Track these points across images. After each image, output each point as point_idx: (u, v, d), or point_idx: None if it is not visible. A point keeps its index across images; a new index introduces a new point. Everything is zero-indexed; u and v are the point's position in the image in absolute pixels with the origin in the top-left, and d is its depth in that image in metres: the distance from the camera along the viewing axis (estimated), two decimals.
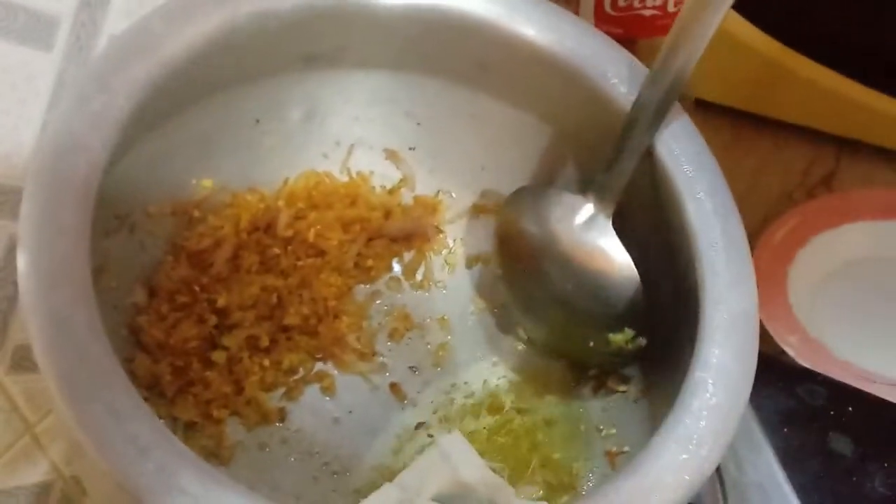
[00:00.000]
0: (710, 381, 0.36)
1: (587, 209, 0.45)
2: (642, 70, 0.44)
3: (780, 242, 0.65)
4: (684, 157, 0.42)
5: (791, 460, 0.46)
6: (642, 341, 0.44)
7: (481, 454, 0.34)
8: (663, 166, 0.43)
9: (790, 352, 0.58)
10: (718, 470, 0.45)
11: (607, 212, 0.44)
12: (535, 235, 0.47)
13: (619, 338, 0.45)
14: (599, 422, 0.48)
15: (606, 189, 0.44)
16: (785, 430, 0.47)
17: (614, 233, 0.44)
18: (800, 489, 0.45)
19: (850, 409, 0.48)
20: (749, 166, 0.70)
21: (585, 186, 0.46)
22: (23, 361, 0.47)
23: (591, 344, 0.46)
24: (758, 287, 0.40)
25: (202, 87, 0.44)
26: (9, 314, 0.45)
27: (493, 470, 0.31)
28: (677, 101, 0.43)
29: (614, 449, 0.46)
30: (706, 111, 0.69)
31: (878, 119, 0.66)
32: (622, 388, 0.48)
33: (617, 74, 0.44)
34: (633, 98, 0.43)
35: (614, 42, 0.45)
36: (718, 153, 0.44)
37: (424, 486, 0.30)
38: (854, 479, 0.46)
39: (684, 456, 0.35)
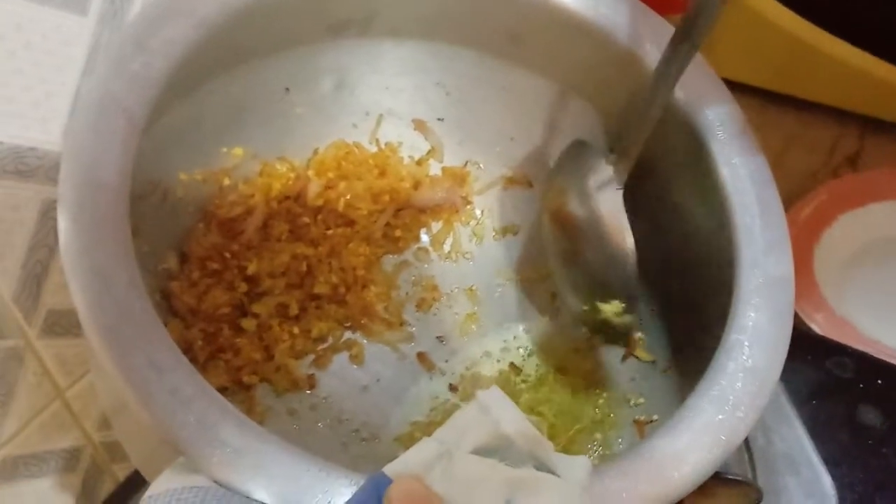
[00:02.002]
0: (747, 344, 0.37)
1: (605, 171, 0.45)
2: None
3: (805, 221, 0.65)
4: (718, 122, 0.42)
5: (820, 432, 0.46)
6: (630, 319, 0.44)
7: None
8: (697, 131, 0.43)
9: (816, 329, 0.58)
10: (747, 441, 0.45)
11: (621, 177, 0.44)
12: (564, 190, 0.47)
13: (608, 308, 0.45)
14: (627, 391, 0.48)
15: (625, 152, 0.44)
16: (813, 402, 0.47)
17: (622, 203, 0.44)
18: (828, 460, 0.45)
19: (879, 381, 0.49)
20: (774, 146, 0.70)
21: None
22: (55, 327, 0.47)
23: (585, 308, 0.46)
24: None
25: (234, 54, 0.45)
26: (42, 278, 0.45)
27: (532, 424, 0.31)
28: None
29: (643, 418, 0.46)
30: (731, 91, 0.69)
31: None
32: (650, 357, 0.48)
33: (653, 41, 0.44)
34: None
35: (649, 9, 0.45)
36: None
37: (463, 439, 0.30)
38: (883, 450, 0.46)
39: (720, 417, 0.35)
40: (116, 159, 0.35)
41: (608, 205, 0.43)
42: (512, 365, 0.50)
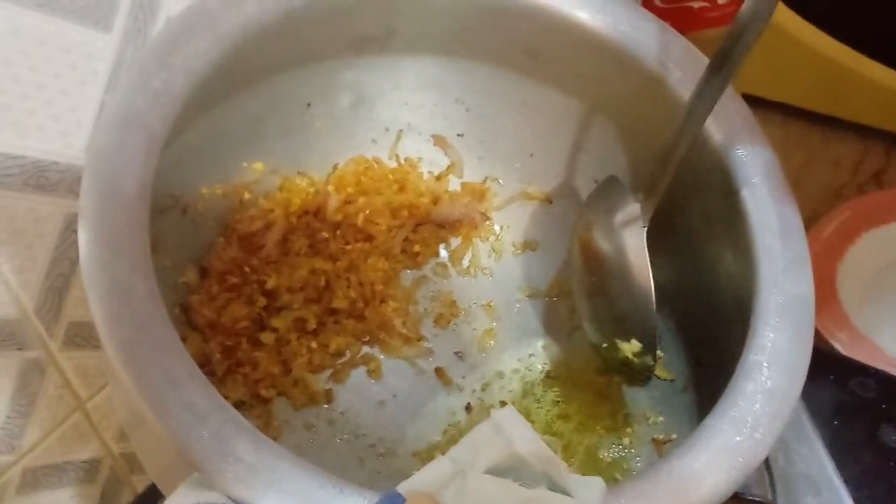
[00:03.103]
0: (765, 364, 0.36)
1: (632, 208, 0.44)
2: (698, 55, 0.44)
3: (829, 238, 0.64)
4: (738, 141, 0.42)
5: (841, 452, 0.45)
6: (650, 361, 0.44)
7: None
8: (716, 150, 0.42)
9: (839, 348, 0.57)
10: (767, 461, 0.44)
11: (646, 215, 0.44)
12: (592, 225, 0.47)
13: (626, 347, 0.45)
14: (646, 409, 0.47)
15: (651, 189, 0.43)
16: (835, 422, 0.47)
17: (644, 241, 0.43)
18: (849, 481, 0.44)
19: None
20: (798, 162, 0.69)
21: (636, 182, 0.46)
22: (76, 338, 0.47)
23: (604, 345, 0.47)
24: None
25: (256, 70, 0.45)
26: (64, 290, 0.45)
27: (547, 444, 0.31)
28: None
29: (661, 437, 0.46)
30: (755, 106, 0.68)
31: None
32: (669, 376, 0.47)
33: (672, 59, 0.44)
34: (688, 83, 0.42)
35: (668, 26, 0.45)
36: None
37: (477, 458, 0.30)
38: None
39: (738, 438, 0.34)
40: (137, 174, 0.36)
41: (632, 242, 0.43)
42: (530, 381, 0.49)
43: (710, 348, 0.44)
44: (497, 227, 0.54)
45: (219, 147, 0.46)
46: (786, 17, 0.63)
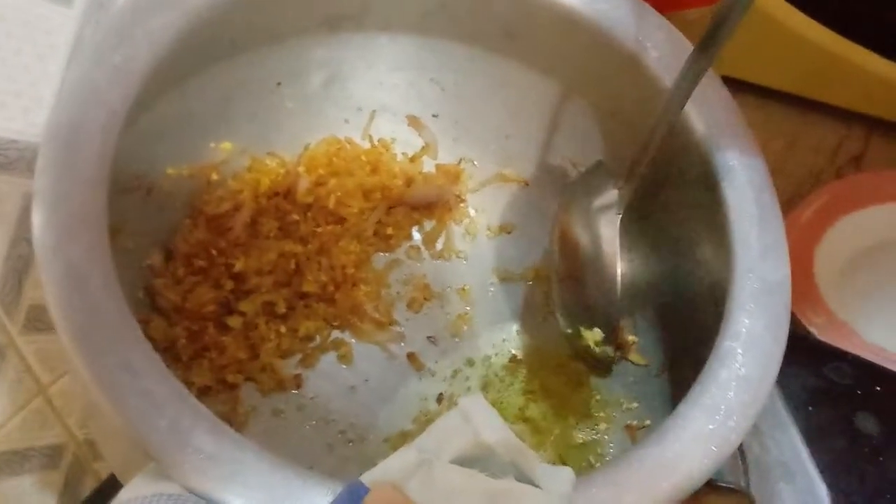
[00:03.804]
0: (740, 351, 0.35)
1: (610, 195, 0.44)
2: (677, 36, 0.43)
3: (807, 222, 0.63)
4: (717, 126, 0.41)
5: (816, 439, 0.45)
6: (610, 351, 0.43)
7: None
8: (695, 135, 0.42)
9: (816, 333, 0.57)
10: (741, 448, 0.44)
11: (622, 203, 0.43)
12: (571, 209, 0.46)
13: (588, 335, 0.44)
14: (620, 395, 0.47)
15: (631, 174, 0.42)
16: (810, 408, 0.46)
17: (618, 229, 0.43)
18: (824, 468, 0.44)
19: (878, 388, 0.47)
20: (777, 145, 0.68)
21: (614, 166, 0.45)
22: (37, 322, 0.46)
23: (569, 331, 0.46)
24: None
25: (223, 46, 0.44)
26: (23, 273, 0.44)
27: (515, 433, 0.30)
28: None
29: (635, 423, 0.45)
30: (734, 89, 0.67)
31: None
32: (644, 361, 0.47)
33: (651, 39, 0.43)
34: (667, 64, 0.42)
35: (648, 6, 0.44)
36: None
37: (444, 448, 0.29)
38: (880, 458, 0.45)
39: (711, 426, 0.34)
40: (95, 153, 0.34)
41: (605, 230, 0.43)
42: (503, 366, 0.49)
43: (685, 334, 0.44)
44: (472, 210, 0.53)
45: (185, 126, 0.45)
46: (767, 0, 0.62)
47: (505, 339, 0.50)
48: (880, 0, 0.62)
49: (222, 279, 0.46)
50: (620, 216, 0.43)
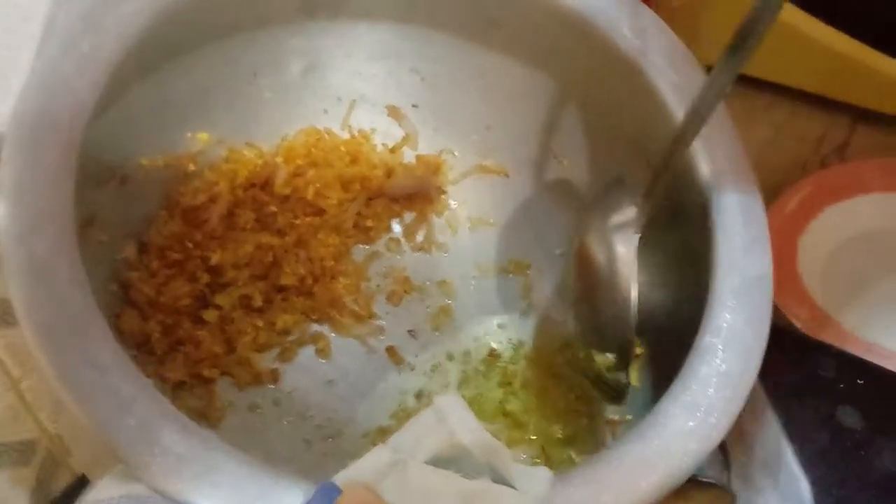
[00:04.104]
0: (720, 347, 0.35)
1: (628, 212, 0.42)
2: (661, 25, 0.42)
3: (791, 212, 0.63)
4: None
5: (798, 433, 0.44)
6: (623, 378, 0.42)
7: (479, 420, 0.32)
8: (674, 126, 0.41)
9: (798, 324, 0.56)
10: (723, 443, 0.44)
11: (640, 220, 0.41)
12: (589, 226, 0.45)
13: (600, 359, 0.43)
14: None
15: (652, 189, 0.41)
16: (793, 402, 0.45)
17: (634, 249, 0.41)
18: (806, 463, 0.43)
19: (860, 381, 0.47)
20: (762, 136, 0.68)
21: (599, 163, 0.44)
22: (6, 316, 0.45)
23: (580, 355, 0.46)
24: None
25: (198, 34, 0.43)
26: None
27: (491, 433, 0.30)
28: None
29: (616, 417, 0.45)
30: None
31: (895, 88, 0.64)
32: (636, 382, 0.46)
33: (632, 28, 0.42)
34: (655, 58, 0.41)
35: (644, 6, 0.43)
36: None
37: (418, 447, 0.29)
38: (862, 453, 0.44)
39: (691, 423, 0.33)
40: (62, 143, 0.34)
41: (622, 250, 0.41)
42: (482, 360, 0.48)
43: (666, 329, 0.43)
44: (452, 202, 0.53)
45: (160, 116, 0.44)
46: None
47: (486, 334, 0.49)
48: None
49: (198, 272, 0.45)
50: (638, 235, 0.41)
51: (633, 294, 0.40)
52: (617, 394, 0.44)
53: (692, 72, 0.42)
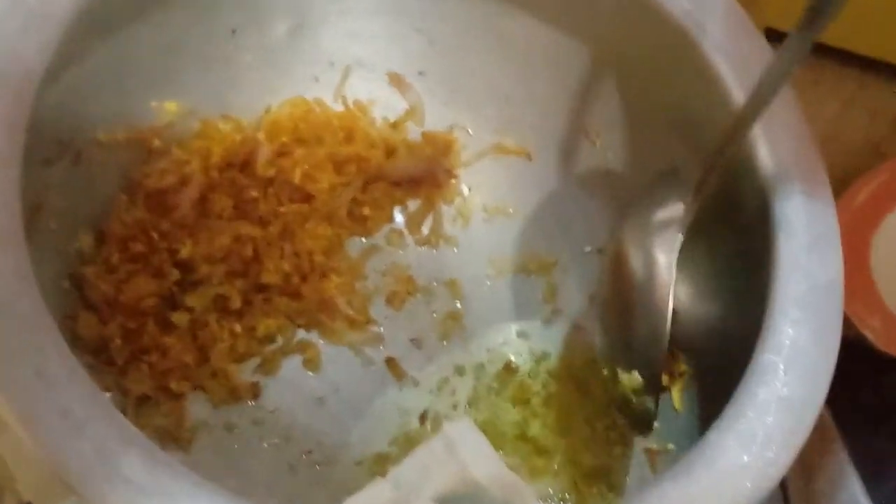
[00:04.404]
0: (782, 367, 0.35)
1: (674, 208, 0.42)
2: (737, 10, 0.42)
3: (862, 205, 0.62)
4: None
5: (870, 467, 0.45)
6: (650, 404, 0.43)
7: (496, 447, 0.33)
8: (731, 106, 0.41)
9: (871, 336, 0.56)
10: (783, 483, 0.44)
11: (685, 220, 0.41)
12: (630, 223, 0.45)
13: (626, 379, 0.43)
14: None
15: (703, 182, 0.40)
16: (865, 430, 0.46)
17: (674, 255, 0.41)
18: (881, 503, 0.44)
19: None
20: (829, 112, 0.67)
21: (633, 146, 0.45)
22: None
23: (604, 371, 0.46)
24: None
25: None
26: None
27: (510, 466, 0.30)
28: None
29: (655, 447, 0.45)
30: (777, 42, 0.67)
31: None
32: (680, 406, 0.46)
33: (706, 12, 0.42)
34: (702, 21, 0.41)
35: None
36: None
37: (425, 482, 0.29)
38: None
39: (746, 458, 0.33)
40: (5, 117, 0.34)
41: (661, 254, 0.41)
42: (498, 375, 0.48)
43: (716, 344, 0.43)
44: (465, 188, 0.53)
45: (121, 82, 0.44)
46: None
47: (503, 343, 0.50)
48: None
49: (165, 267, 0.45)
50: (681, 236, 0.41)
51: (670, 306, 0.40)
52: (643, 422, 0.44)
53: (753, 42, 0.42)
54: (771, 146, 0.40)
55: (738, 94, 0.41)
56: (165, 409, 0.44)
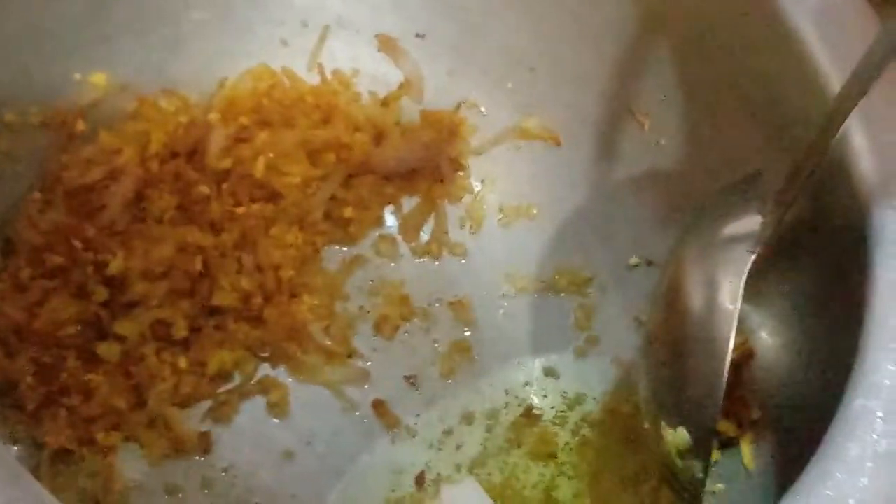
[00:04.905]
0: (880, 415, 0.35)
1: (748, 221, 0.42)
2: None
3: None
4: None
5: None
6: (697, 470, 0.42)
7: None
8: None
9: None
10: None
11: (764, 233, 0.41)
12: (694, 234, 0.45)
13: (670, 436, 0.43)
14: (699, 471, 0.46)
15: (786, 191, 0.40)
16: None
17: (741, 280, 0.41)
18: None
19: None
20: None
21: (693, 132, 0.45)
22: None
23: (646, 424, 0.46)
24: None
25: None
26: None
27: None
28: None
29: None
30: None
31: None
32: (734, 428, 0.47)
33: None
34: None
35: None
36: None
37: None
38: None
39: None
40: None
41: (726, 279, 0.42)
42: (519, 426, 0.49)
43: (798, 389, 0.43)
44: (476, 183, 0.54)
45: (35, 49, 0.45)
46: None
47: (526, 384, 0.50)
48: None
49: (90, 285, 0.46)
50: (753, 255, 0.42)
51: (728, 349, 0.40)
52: (689, 492, 0.44)
53: (857, 9, 0.42)
54: (872, 147, 0.40)
55: (836, 77, 0.41)
56: (90, 467, 0.45)
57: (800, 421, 0.39)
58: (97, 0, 0.46)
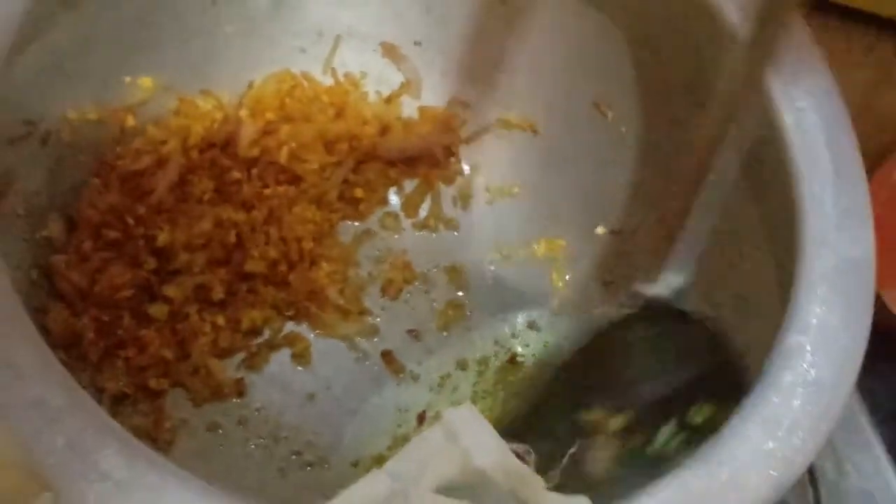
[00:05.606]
0: (809, 348, 0.35)
1: None
2: None
3: None
4: (781, 51, 0.41)
5: None
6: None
7: None
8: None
9: None
10: (812, 472, 0.44)
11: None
12: None
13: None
14: None
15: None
16: None
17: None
18: None
19: None
20: (864, 78, 0.68)
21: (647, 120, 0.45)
22: None
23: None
24: None
25: None
26: None
27: (517, 454, 0.30)
28: None
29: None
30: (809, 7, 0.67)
31: None
32: None
33: None
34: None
35: None
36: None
37: (425, 473, 0.29)
38: None
39: (770, 444, 0.33)
40: None
41: None
42: (507, 371, 0.49)
43: (737, 326, 0.43)
44: (466, 167, 0.54)
45: (93, 56, 0.45)
46: None
47: (512, 335, 0.50)
48: None
49: (141, 255, 0.46)
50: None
51: None
52: None
53: None
54: (796, 115, 0.40)
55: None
56: (143, 408, 0.45)
57: (746, 353, 0.39)
58: (144, 17, 0.46)
